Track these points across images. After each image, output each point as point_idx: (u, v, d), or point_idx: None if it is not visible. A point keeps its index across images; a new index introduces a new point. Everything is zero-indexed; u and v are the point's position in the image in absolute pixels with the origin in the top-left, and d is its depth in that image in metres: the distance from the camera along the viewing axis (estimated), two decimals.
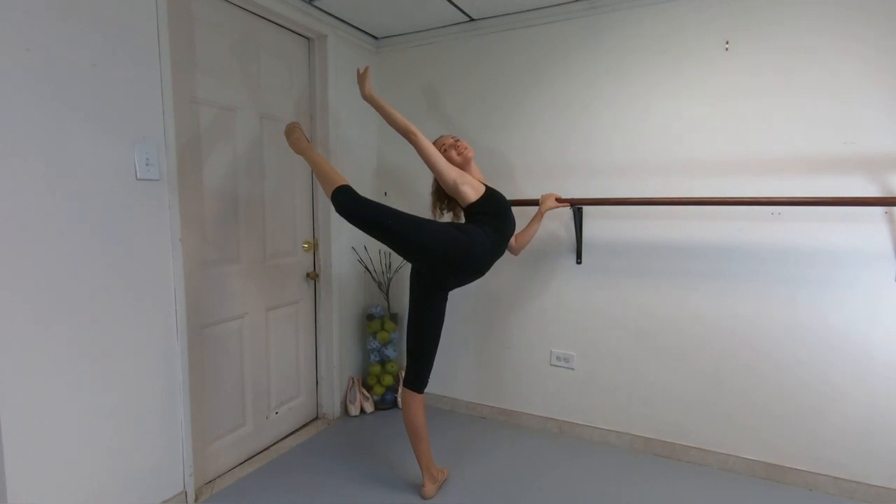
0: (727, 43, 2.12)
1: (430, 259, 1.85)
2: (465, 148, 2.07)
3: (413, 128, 1.88)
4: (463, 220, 2.09)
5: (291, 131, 2.09)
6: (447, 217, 2.15)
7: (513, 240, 2.26)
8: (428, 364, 2.01)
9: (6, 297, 1.40)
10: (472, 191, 1.96)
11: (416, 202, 2.83)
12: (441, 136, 2.13)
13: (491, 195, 2.01)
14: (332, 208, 2.57)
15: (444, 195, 2.08)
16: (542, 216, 2.31)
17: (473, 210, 1.98)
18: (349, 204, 1.79)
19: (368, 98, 1.92)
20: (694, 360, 2.28)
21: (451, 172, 1.95)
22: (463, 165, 2.05)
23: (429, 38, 2.73)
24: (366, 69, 1.94)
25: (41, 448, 1.50)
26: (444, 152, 2.04)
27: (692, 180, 2.22)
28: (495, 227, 1.95)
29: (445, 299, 2.00)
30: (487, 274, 2.09)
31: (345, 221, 2.68)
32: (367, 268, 2.91)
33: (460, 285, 2.01)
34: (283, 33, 2.40)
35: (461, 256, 1.84)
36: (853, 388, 2.02)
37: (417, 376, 2.00)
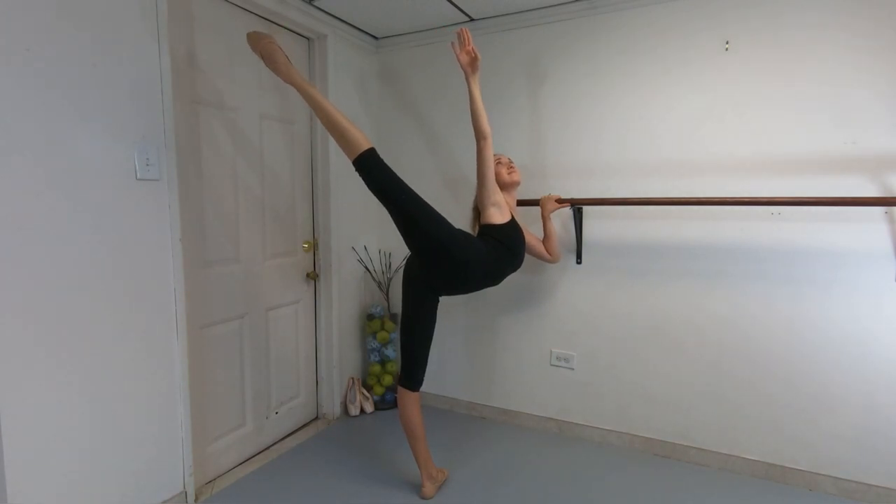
0: (727, 43, 2.12)
1: (428, 247, 1.84)
2: (515, 171, 2.16)
3: (490, 132, 1.91)
4: None
5: (270, 50, 1.81)
6: None
7: (543, 250, 2.30)
8: (421, 363, 2.01)
9: (5, 297, 1.40)
10: (499, 215, 1.98)
11: None
12: (498, 153, 2.17)
13: (512, 227, 2.01)
14: (332, 208, 2.62)
15: None
16: (548, 220, 2.31)
17: (489, 232, 1.98)
18: (373, 168, 1.75)
19: (474, 82, 1.89)
20: (694, 360, 2.28)
21: (495, 192, 1.98)
22: (506, 187, 2.10)
23: (429, 38, 2.73)
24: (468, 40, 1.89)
25: (41, 448, 1.50)
26: (497, 164, 2.10)
27: (692, 180, 2.22)
28: (500, 256, 1.96)
29: (437, 300, 2.00)
30: None
31: (345, 222, 2.73)
32: (367, 268, 2.91)
33: (449, 293, 2.00)
34: (283, 33, 2.40)
35: (458, 257, 1.83)
36: (853, 387, 2.02)
37: (412, 375, 2.00)
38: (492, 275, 1.98)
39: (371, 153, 1.75)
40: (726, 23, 2.11)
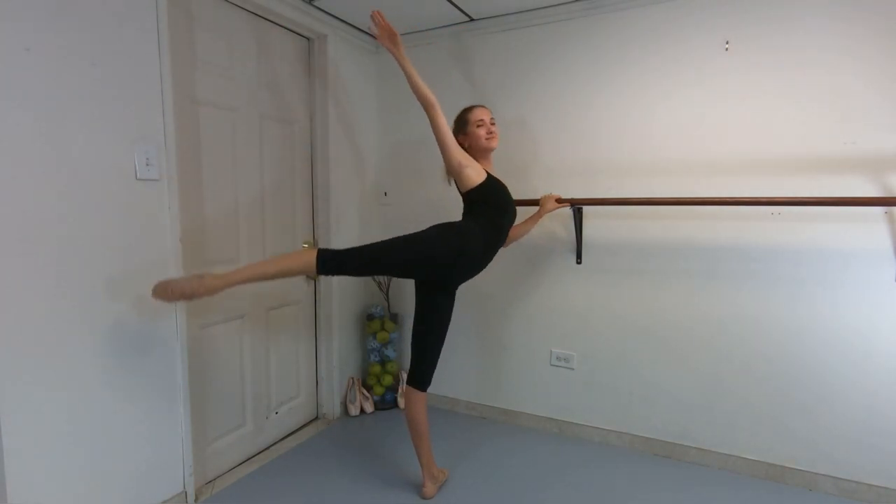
0: (727, 43, 2.12)
1: (424, 270, 1.86)
2: (494, 136, 2.00)
3: (434, 99, 1.84)
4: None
5: (174, 288, 1.56)
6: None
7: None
8: (432, 362, 2.01)
9: (5, 297, 1.40)
10: (474, 174, 1.92)
11: (415, 200, 2.83)
12: (480, 107, 2.02)
13: (492, 183, 1.96)
14: (332, 208, 2.62)
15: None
16: (540, 218, 2.30)
17: (472, 198, 1.95)
18: (336, 265, 1.74)
19: (401, 57, 1.86)
20: (694, 360, 2.28)
21: (457, 153, 1.90)
22: (481, 152, 2.00)
23: (428, 38, 2.72)
24: (378, 13, 1.85)
25: (41, 448, 1.50)
26: (477, 127, 1.97)
27: (692, 180, 2.22)
28: (492, 221, 1.93)
29: (451, 298, 2.00)
30: (488, 273, 2.08)
31: (345, 222, 2.73)
32: None
33: (462, 281, 2.00)
34: (283, 33, 2.40)
35: (454, 258, 1.83)
36: (853, 387, 2.02)
37: (421, 374, 2.00)
38: (492, 243, 1.95)
39: (321, 256, 1.70)
40: (726, 23, 2.11)
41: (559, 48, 2.44)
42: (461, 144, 1.98)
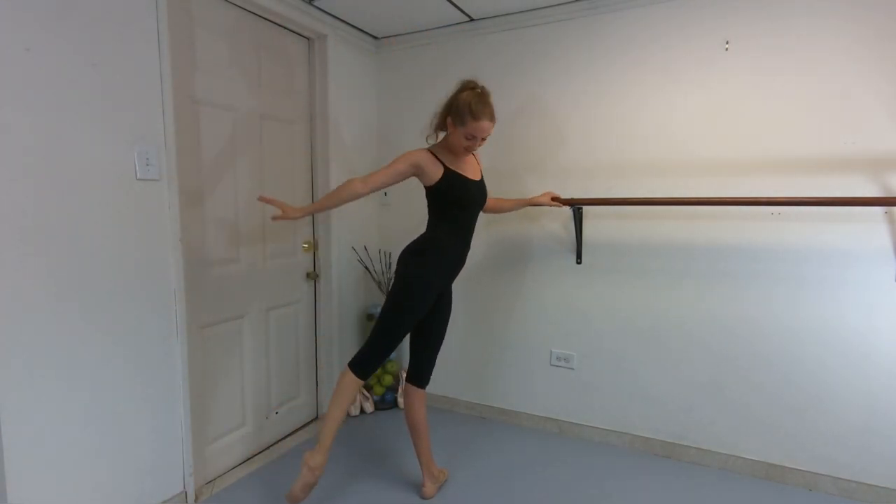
0: (727, 43, 2.12)
1: (431, 298, 1.91)
2: (469, 153, 1.92)
3: (354, 187, 1.82)
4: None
5: (301, 489, 1.81)
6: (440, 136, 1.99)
7: (490, 202, 2.17)
8: (431, 360, 2.02)
9: (5, 298, 1.40)
10: (426, 179, 1.88)
11: (415, 200, 2.83)
12: (485, 122, 1.82)
13: (448, 178, 1.87)
14: (333, 209, 2.62)
15: (442, 123, 1.95)
16: (526, 204, 2.28)
17: (432, 195, 1.91)
18: (368, 368, 1.89)
19: (304, 215, 1.93)
20: (694, 360, 2.28)
21: (408, 169, 1.84)
22: (449, 150, 1.92)
23: (429, 38, 2.73)
24: (273, 202, 1.91)
25: (41, 448, 1.50)
26: (466, 139, 1.83)
27: (692, 180, 2.22)
28: (455, 218, 1.91)
29: (448, 296, 2.01)
30: (487, 274, 2.07)
31: (344, 222, 2.73)
32: (367, 268, 2.91)
33: (454, 280, 2.02)
34: (283, 33, 2.40)
35: (440, 268, 1.89)
36: (853, 387, 2.02)
37: (420, 373, 2.01)
38: (463, 236, 1.94)
39: (355, 370, 1.88)
40: (726, 23, 2.11)
41: (559, 48, 2.44)
42: (446, 124, 1.91)
